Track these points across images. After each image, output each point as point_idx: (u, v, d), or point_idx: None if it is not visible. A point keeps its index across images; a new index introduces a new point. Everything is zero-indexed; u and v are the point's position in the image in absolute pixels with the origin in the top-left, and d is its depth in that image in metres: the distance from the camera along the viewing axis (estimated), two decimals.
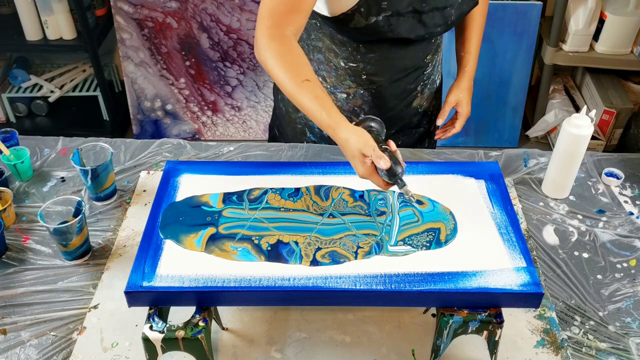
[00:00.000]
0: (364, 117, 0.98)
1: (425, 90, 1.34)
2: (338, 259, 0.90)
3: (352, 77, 1.24)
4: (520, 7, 2.41)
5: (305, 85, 0.97)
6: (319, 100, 0.97)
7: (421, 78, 1.30)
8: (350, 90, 1.27)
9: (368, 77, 1.24)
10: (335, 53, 1.22)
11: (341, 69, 1.24)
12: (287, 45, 1.01)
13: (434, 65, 1.32)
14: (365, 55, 1.20)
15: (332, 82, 1.27)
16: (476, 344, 0.94)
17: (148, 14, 2.45)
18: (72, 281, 1.04)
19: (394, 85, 1.27)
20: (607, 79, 2.58)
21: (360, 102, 1.28)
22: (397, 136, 1.38)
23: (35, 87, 2.67)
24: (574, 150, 1.14)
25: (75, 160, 1.15)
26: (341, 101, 1.29)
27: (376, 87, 1.26)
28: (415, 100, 1.33)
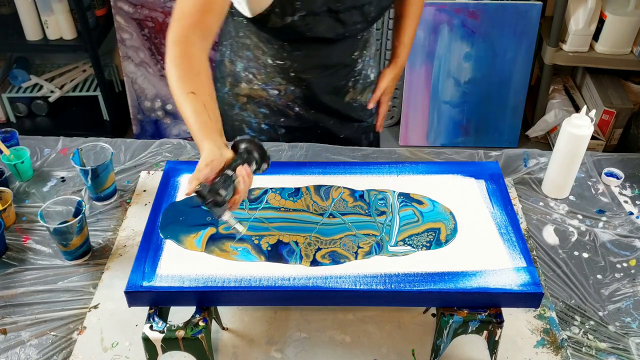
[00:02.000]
0: (239, 138, 0.94)
1: (358, 85, 1.35)
2: (338, 259, 0.90)
3: (281, 74, 1.26)
4: (520, 7, 2.41)
5: (189, 97, 0.96)
6: (195, 114, 0.95)
7: (352, 74, 1.32)
8: (280, 87, 1.28)
9: (296, 74, 1.25)
10: (263, 51, 1.23)
11: (269, 67, 1.25)
12: (186, 52, 0.99)
13: (363, 61, 1.33)
14: (291, 53, 1.21)
15: (262, 79, 1.28)
16: (476, 344, 0.94)
17: (148, 14, 2.45)
18: (72, 281, 1.04)
19: (323, 82, 1.28)
20: (607, 79, 2.58)
21: (292, 97, 1.30)
22: (340, 130, 1.40)
23: (35, 87, 2.67)
24: (574, 150, 1.14)
25: (75, 160, 1.15)
26: (274, 97, 1.30)
27: (306, 84, 1.27)
28: (348, 95, 1.35)
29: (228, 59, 1.33)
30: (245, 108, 1.35)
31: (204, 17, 1.01)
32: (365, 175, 1.07)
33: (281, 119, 1.35)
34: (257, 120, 1.36)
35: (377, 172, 1.07)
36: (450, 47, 2.51)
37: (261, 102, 1.32)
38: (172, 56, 0.99)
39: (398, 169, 1.08)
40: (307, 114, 1.34)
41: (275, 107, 1.32)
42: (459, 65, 2.55)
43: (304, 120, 1.35)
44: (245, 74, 1.30)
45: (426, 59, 2.54)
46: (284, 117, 1.34)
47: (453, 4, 2.42)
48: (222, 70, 1.35)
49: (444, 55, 2.54)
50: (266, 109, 1.33)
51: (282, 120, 1.35)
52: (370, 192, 1.03)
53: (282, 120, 1.35)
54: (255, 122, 1.37)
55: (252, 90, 1.31)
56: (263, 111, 1.34)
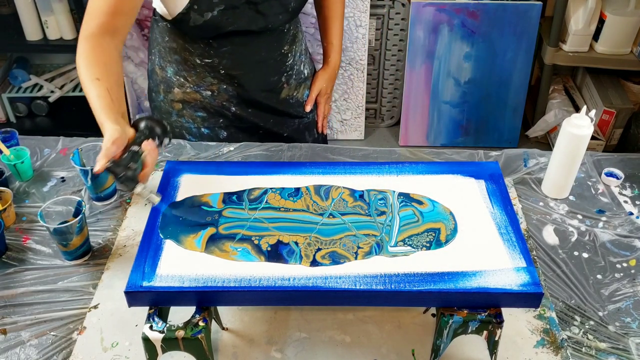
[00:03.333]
0: (138, 117, 1.00)
1: (292, 81, 1.36)
2: (338, 259, 0.90)
3: (211, 73, 1.26)
4: (520, 7, 2.42)
5: (94, 83, 1.00)
6: (99, 98, 0.98)
7: (283, 69, 1.32)
8: (213, 87, 1.28)
9: (226, 71, 1.25)
10: (190, 52, 1.24)
11: (199, 67, 1.26)
12: (95, 45, 1.03)
13: (294, 56, 1.33)
14: (218, 50, 1.22)
15: (194, 81, 1.28)
16: (476, 344, 0.94)
17: (148, 14, 2.45)
18: (72, 281, 1.04)
19: (254, 78, 1.28)
20: (607, 79, 2.58)
21: (226, 97, 1.30)
22: (282, 128, 1.40)
23: (35, 87, 2.67)
24: (574, 150, 1.14)
25: (75, 160, 1.15)
26: (208, 98, 1.30)
27: (237, 81, 1.27)
28: (283, 91, 1.35)
29: (158, 65, 1.32)
30: (182, 114, 1.35)
31: (113, 18, 1.06)
32: (365, 175, 1.07)
33: (220, 119, 1.34)
34: (196, 125, 1.35)
35: (377, 172, 1.07)
36: (450, 47, 2.51)
37: (197, 106, 1.32)
38: (81, 50, 1.04)
39: (398, 169, 1.08)
40: (244, 114, 1.33)
41: (212, 108, 1.32)
42: (459, 65, 2.55)
43: (243, 120, 1.35)
44: (177, 78, 1.30)
45: (426, 59, 2.54)
46: (222, 118, 1.34)
47: (453, 4, 2.42)
48: (155, 79, 1.35)
49: (444, 55, 2.54)
50: (203, 112, 1.33)
51: (221, 122, 1.35)
52: (370, 192, 1.03)
53: (221, 122, 1.35)
54: (194, 127, 1.36)
55: (186, 94, 1.31)
56: (200, 114, 1.33)
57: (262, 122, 1.37)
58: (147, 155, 0.93)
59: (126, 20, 1.08)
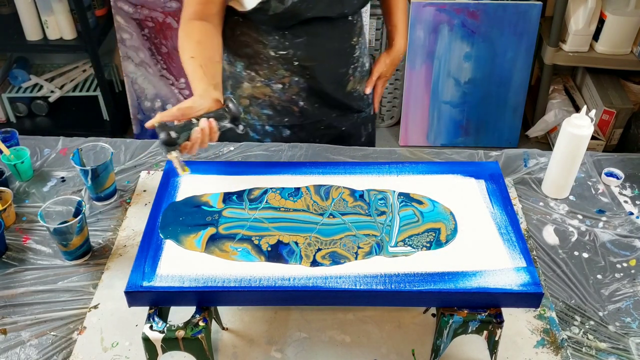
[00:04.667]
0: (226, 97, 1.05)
1: (356, 74, 1.37)
2: (338, 259, 0.90)
3: (285, 65, 1.27)
4: (520, 7, 2.42)
5: (189, 61, 1.10)
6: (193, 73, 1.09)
7: (351, 61, 1.33)
8: (284, 79, 1.29)
9: (300, 62, 1.26)
10: (264, 44, 1.24)
11: (272, 59, 1.26)
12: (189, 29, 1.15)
13: (360, 48, 1.35)
14: (292, 41, 1.23)
15: (265, 75, 1.29)
16: (476, 344, 0.94)
17: (148, 14, 2.45)
18: (72, 281, 1.04)
19: (326, 69, 1.29)
20: (607, 79, 2.58)
21: (297, 89, 1.30)
22: (341, 122, 1.41)
23: (35, 87, 2.67)
24: (574, 150, 1.14)
25: (75, 160, 1.15)
26: (278, 92, 1.31)
27: (309, 73, 1.28)
28: (349, 84, 1.36)
29: (226, 61, 1.33)
30: (249, 110, 1.36)
31: (204, 7, 1.16)
32: (365, 175, 1.07)
33: (285, 118, 1.35)
34: (261, 123, 1.36)
35: (377, 172, 1.07)
36: (450, 47, 2.51)
37: (264, 103, 1.33)
38: (179, 34, 1.15)
39: (398, 169, 1.08)
40: (310, 108, 1.34)
41: (279, 105, 1.33)
42: (459, 65, 2.55)
43: (307, 115, 1.35)
44: (247, 73, 1.30)
45: (426, 59, 2.54)
46: (287, 116, 1.35)
47: (453, 4, 2.42)
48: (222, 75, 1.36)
49: (444, 55, 2.54)
50: (269, 110, 1.34)
51: (286, 120, 1.35)
52: (370, 192, 1.03)
53: (286, 120, 1.35)
54: (259, 125, 1.37)
55: (255, 88, 1.31)
56: (266, 112, 1.34)
57: (326, 117, 1.38)
58: (198, 130, 0.97)
59: (215, 8, 1.17)
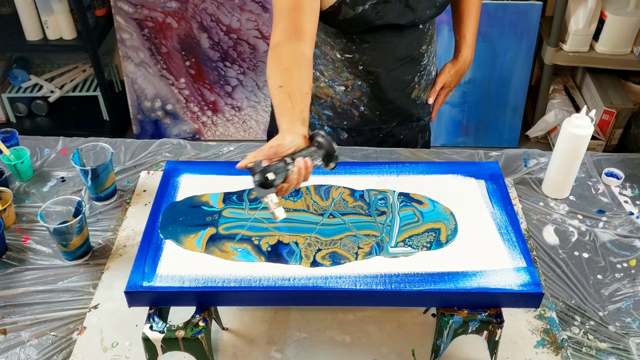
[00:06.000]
0: (317, 132, 0.95)
1: (422, 82, 1.35)
2: (338, 260, 0.90)
3: (349, 68, 1.26)
4: (520, 7, 2.41)
5: (277, 90, 1.01)
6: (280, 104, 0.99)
7: (418, 69, 1.31)
8: (348, 82, 1.28)
9: (365, 67, 1.25)
10: (331, 46, 1.24)
11: (338, 61, 1.26)
12: (278, 52, 1.05)
13: (429, 56, 1.33)
14: (359, 46, 1.22)
15: (329, 76, 1.29)
16: (476, 344, 0.94)
17: (148, 14, 2.45)
18: (72, 281, 1.04)
19: (391, 76, 1.28)
20: (607, 79, 2.58)
21: (359, 93, 1.30)
22: (399, 130, 1.39)
23: (35, 87, 2.67)
24: (574, 150, 1.14)
25: (75, 160, 1.15)
26: (340, 94, 1.30)
27: (374, 78, 1.27)
28: (414, 92, 1.34)
29: None
30: (310, 109, 1.33)
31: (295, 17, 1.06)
32: (365, 175, 1.07)
33: (344, 121, 1.34)
34: (320, 122, 1.36)
35: (377, 172, 1.07)
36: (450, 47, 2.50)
37: (325, 103, 1.32)
38: (268, 60, 1.05)
39: (398, 169, 1.08)
40: (371, 114, 1.33)
41: (340, 107, 1.32)
42: None
43: (367, 121, 1.34)
44: (313, 72, 1.29)
45: None
46: (347, 120, 1.34)
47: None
48: None
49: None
50: (330, 111, 1.33)
51: (345, 123, 1.35)
52: (370, 192, 1.03)
53: (345, 123, 1.35)
54: (318, 124, 1.36)
55: (319, 88, 1.31)
56: (327, 113, 1.34)
57: (385, 125, 1.37)
58: (295, 171, 0.88)
59: (308, 18, 1.08)
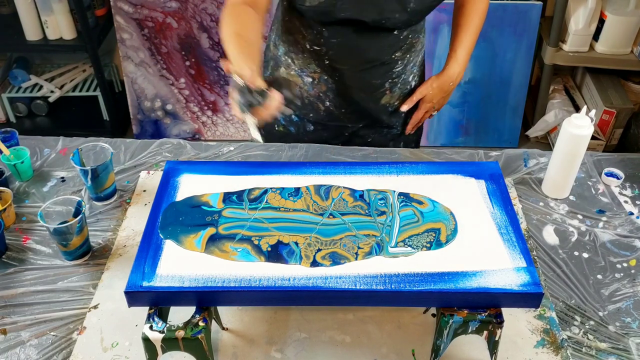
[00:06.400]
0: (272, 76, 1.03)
1: (395, 89, 1.33)
2: (338, 260, 0.90)
3: (316, 60, 1.27)
4: (520, 7, 2.41)
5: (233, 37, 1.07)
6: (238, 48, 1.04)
7: (389, 75, 1.30)
8: (315, 75, 1.29)
9: (330, 62, 1.26)
10: (303, 35, 1.25)
11: (307, 52, 1.27)
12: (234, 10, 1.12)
13: (404, 64, 1.31)
14: (328, 40, 1.23)
15: (299, 65, 1.30)
16: (476, 344, 0.94)
17: (148, 14, 2.45)
18: (72, 281, 1.04)
19: (357, 77, 1.27)
20: (607, 79, 2.58)
21: (325, 88, 1.30)
22: (367, 132, 1.39)
23: (35, 87, 2.67)
24: (574, 150, 1.14)
25: (75, 160, 1.15)
26: (308, 85, 1.31)
27: (339, 75, 1.27)
28: (384, 98, 1.33)
29: (273, 42, 1.35)
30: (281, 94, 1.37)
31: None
32: (365, 175, 1.07)
33: (310, 113, 1.35)
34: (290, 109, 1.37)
35: (377, 172, 1.07)
36: None
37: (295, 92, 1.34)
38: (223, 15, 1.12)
39: (398, 169, 1.08)
40: (336, 111, 1.33)
41: (307, 98, 1.33)
42: None
43: (332, 117, 1.35)
44: (285, 58, 1.32)
45: (426, 58, 2.53)
46: (313, 112, 1.35)
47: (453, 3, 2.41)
48: (267, 54, 1.38)
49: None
50: (298, 100, 1.35)
51: (311, 115, 1.36)
52: (370, 192, 1.03)
53: (311, 115, 1.36)
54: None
55: (290, 75, 1.32)
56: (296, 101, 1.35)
57: (351, 124, 1.36)
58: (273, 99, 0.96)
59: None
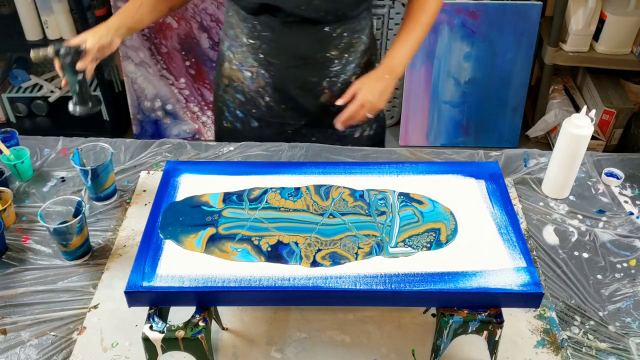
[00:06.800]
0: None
1: (335, 89, 1.32)
2: (338, 260, 0.90)
3: (253, 55, 1.28)
4: (520, 7, 2.42)
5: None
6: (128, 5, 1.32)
7: (326, 74, 1.29)
8: (253, 69, 1.30)
9: (265, 56, 1.27)
10: (240, 29, 1.27)
11: (244, 46, 1.29)
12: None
13: (343, 64, 1.30)
14: (261, 33, 1.25)
15: (238, 59, 1.32)
16: (476, 344, 0.94)
17: None
18: (72, 281, 1.04)
19: (291, 72, 1.28)
20: (607, 79, 2.58)
21: (263, 83, 1.31)
22: (311, 131, 1.38)
23: (35, 87, 2.67)
24: (574, 150, 1.14)
25: (75, 160, 1.15)
26: (247, 80, 1.33)
27: (274, 70, 1.28)
28: (322, 96, 1.32)
29: (221, 39, 1.37)
30: (227, 90, 1.39)
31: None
32: (365, 175, 1.07)
33: (253, 109, 1.36)
34: (234, 105, 1.39)
35: (377, 172, 1.07)
36: (450, 47, 2.51)
37: (238, 87, 1.35)
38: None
39: (398, 169, 1.08)
40: (277, 107, 1.34)
41: (248, 93, 1.34)
42: (459, 65, 2.55)
43: (273, 113, 1.35)
44: (228, 53, 1.34)
45: (426, 59, 2.54)
46: (255, 108, 1.36)
47: (453, 4, 2.42)
48: (219, 50, 1.40)
49: (444, 55, 2.54)
50: (241, 96, 1.36)
51: (253, 111, 1.36)
52: (370, 192, 1.03)
53: (253, 111, 1.36)
54: (232, 106, 1.39)
55: (232, 70, 1.34)
56: (239, 97, 1.37)
57: (293, 121, 1.36)
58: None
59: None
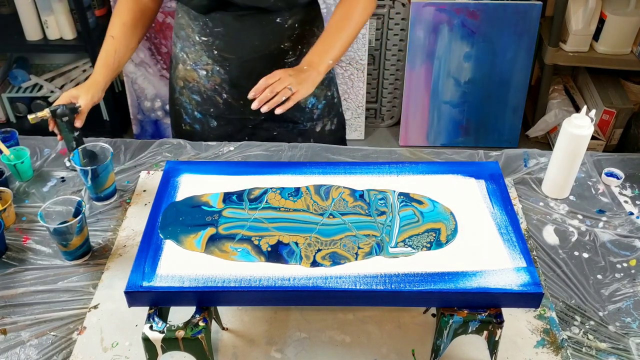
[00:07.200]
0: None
1: None
2: (339, 260, 0.90)
3: (207, 52, 1.28)
4: (520, 7, 2.42)
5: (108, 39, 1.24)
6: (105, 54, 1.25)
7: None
8: (207, 67, 1.30)
9: (219, 52, 1.27)
10: (192, 28, 1.27)
11: (197, 44, 1.28)
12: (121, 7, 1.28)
13: (297, 56, 1.29)
14: (213, 29, 1.24)
15: (192, 59, 1.32)
16: (476, 344, 0.94)
17: None
18: (72, 281, 1.04)
19: (247, 66, 1.28)
20: (607, 79, 2.58)
21: (219, 80, 1.31)
22: (271, 126, 1.38)
23: (35, 87, 2.67)
24: (574, 150, 1.14)
25: (75, 160, 1.15)
26: (203, 79, 1.33)
27: (229, 65, 1.28)
28: None
29: (174, 42, 1.37)
30: (182, 93, 1.39)
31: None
32: (365, 175, 1.07)
33: (211, 108, 1.36)
34: (192, 107, 1.39)
35: (377, 172, 1.07)
36: (450, 47, 2.51)
37: (194, 88, 1.35)
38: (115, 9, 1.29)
39: (398, 169, 1.08)
40: (235, 103, 1.33)
41: (205, 93, 1.34)
42: (459, 65, 2.55)
43: (232, 110, 1.35)
44: (182, 55, 1.34)
45: (426, 59, 2.54)
46: (213, 107, 1.36)
47: (453, 4, 2.42)
48: (172, 53, 1.41)
49: (444, 55, 2.53)
50: (198, 96, 1.36)
51: (212, 110, 1.36)
52: (370, 191, 1.03)
53: (212, 110, 1.36)
54: (190, 108, 1.39)
55: (187, 71, 1.34)
56: (195, 98, 1.37)
57: (252, 116, 1.35)
58: None
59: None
